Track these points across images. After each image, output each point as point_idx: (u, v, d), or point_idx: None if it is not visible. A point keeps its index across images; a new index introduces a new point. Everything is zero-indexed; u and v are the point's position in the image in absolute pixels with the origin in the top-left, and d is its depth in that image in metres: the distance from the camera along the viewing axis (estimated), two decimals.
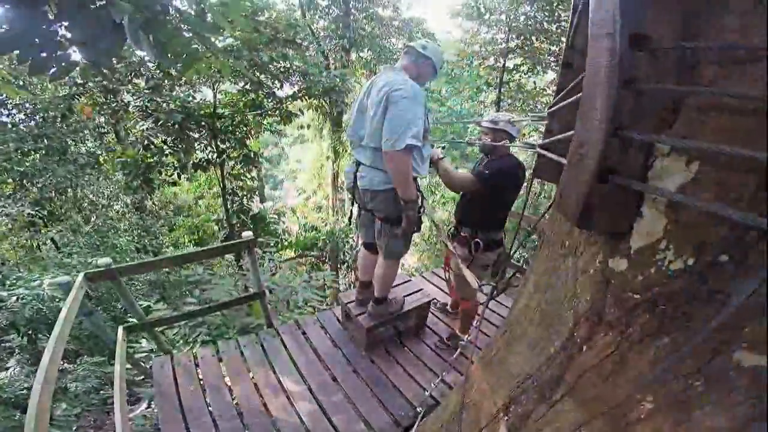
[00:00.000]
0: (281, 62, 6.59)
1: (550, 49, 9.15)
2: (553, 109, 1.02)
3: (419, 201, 2.19)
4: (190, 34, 3.03)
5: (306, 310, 4.76)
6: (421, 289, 3.18)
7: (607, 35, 0.52)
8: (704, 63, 0.53)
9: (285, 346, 2.97)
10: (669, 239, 0.56)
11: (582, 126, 0.61)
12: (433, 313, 3.37)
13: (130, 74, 5.86)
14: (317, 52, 9.93)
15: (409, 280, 3.33)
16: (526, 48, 9.47)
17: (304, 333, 3.13)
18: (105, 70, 1.79)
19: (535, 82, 10.48)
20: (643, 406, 0.65)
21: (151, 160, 6.47)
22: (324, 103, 8.91)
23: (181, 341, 3.64)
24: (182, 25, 3.01)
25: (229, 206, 8.71)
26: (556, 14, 8.57)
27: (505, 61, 10.02)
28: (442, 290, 3.89)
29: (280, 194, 20.34)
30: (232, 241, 2.96)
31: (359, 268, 2.92)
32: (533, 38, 9.27)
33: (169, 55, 2.98)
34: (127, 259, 5.88)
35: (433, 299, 3.26)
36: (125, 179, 6.68)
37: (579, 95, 0.71)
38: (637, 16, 0.52)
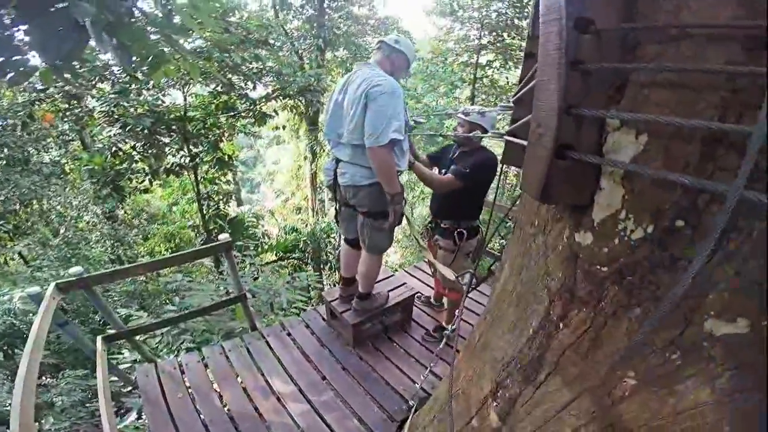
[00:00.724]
0: (254, 63, 6.51)
1: (521, 45, 9.37)
2: (516, 96, 1.07)
3: (403, 194, 2.23)
4: (158, 36, 2.96)
5: (290, 311, 4.73)
6: (404, 284, 3.22)
7: (555, 20, 0.55)
8: (644, 43, 0.57)
9: (271, 348, 2.95)
10: (628, 209, 0.60)
11: (538, 107, 0.65)
12: (417, 307, 3.41)
13: (95, 78, 5.67)
14: (291, 52, 9.84)
15: (392, 275, 3.37)
16: (498, 44, 9.68)
17: (289, 334, 3.11)
18: (67, 75, 1.74)
19: (507, 78, 10.71)
20: (626, 382, 0.67)
21: (120, 167, 6.29)
22: (299, 103, 8.87)
23: (165, 349, 3.56)
24: (149, 27, 2.94)
25: (204, 211, 8.55)
26: (526, 10, 8.77)
27: (478, 57, 10.20)
28: (425, 284, 3.95)
29: (257, 197, 20.06)
30: (208, 245, 2.90)
31: (341, 265, 2.93)
32: (504, 34, 9.48)
33: (135, 58, 2.91)
34: (101, 270, 5.69)
35: (417, 293, 3.29)
36: (93, 188, 6.47)
37: (533, 82, 0.76)
38: (582, 1, 0.55)
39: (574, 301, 0.73)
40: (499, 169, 2.75)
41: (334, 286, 9.26)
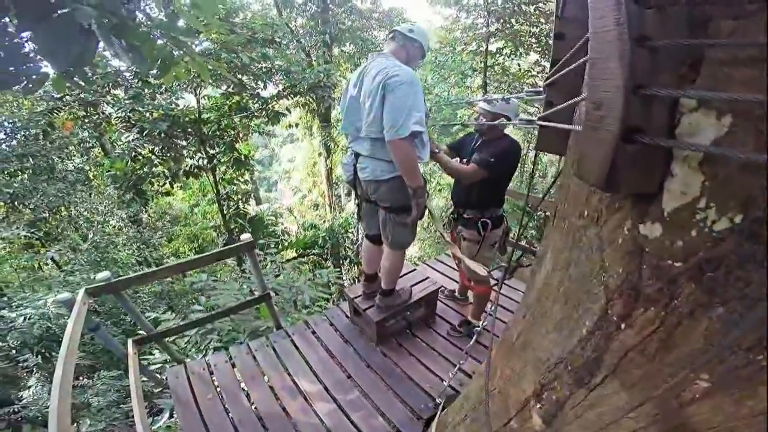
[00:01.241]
0: (262, 62, 6.50)
1: (530, 30, 9.12)
2: (549, 81, 1.00)
3: (425, 187, 2.16)
4: (164, 40, 2.95)
5: (314, 309, 4.75)
6: (427, 278, 3.16)
7: None
8: (717, 18, 0.50)
9: (296, 347, 2.95)
10: (708, 197, 0.53)
11: (596, 88, 0.58)
12: (441, 301, 3.35)
13: (108, 85, 5.76)
14: (298, 50, 9.80)
15: (414, 269, 3.31)
16: (507, 31, 9.43)
17: (314, 332, 3.11)
18: (80, 81, 1.73)
19: (519, 64, 10.44)
20: (698, 384, 0.61)
21: (141, 171, 6.41)
22: (311, 100, 8.84)
23: (193, 349, 3.62)
24: (155, 31, 2.93)
25: (225, 211, 8.68)
26: None
27: (487, 45, 9.97)
28: (448, 277, 3.89)
29: (275, 196, 20.29)
30: (231, 245, 2.91)
31: (363, 262, 2.89)
32: (512, 21, 9.21)
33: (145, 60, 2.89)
34: (129, 272, 5.83)
35: (440, 287, 3.23)
36: (117, 193, 6.62)
37: (583, 61, 0.68)
38: None
39: (639, 299, 0.66)
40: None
41: (355, 281, 9.35)
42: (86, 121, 6.40)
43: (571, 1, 0.97)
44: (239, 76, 6.30)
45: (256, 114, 7.60)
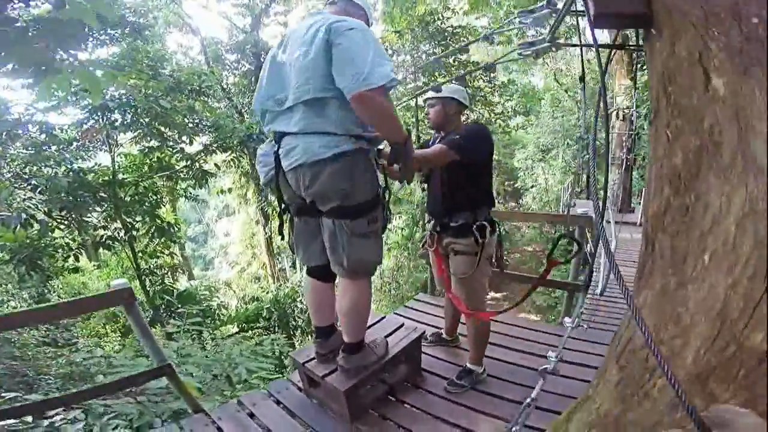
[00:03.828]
0: (188, 116, 6.06)
1: (452, 83, 9.96)
2: None
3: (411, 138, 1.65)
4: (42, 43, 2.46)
5: (252, 382, 3.81)
6: (402, 324, 2.46)
7: None
8: None
9: None
10: None
11: None
12: (425, 353, 2.58)
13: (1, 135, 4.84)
14: (229, 107, 9.50)
15: (383, 317, 2.58)
16: (433, 83, 10.20)
17: (251, 415, 2.19)
18: None
19: None
20: None
21: (37, 242, 5.24)
22: (243, 156, 8.26)
23: None
24: (33, 27, 2.43)
25: (148, 287, 7.49)
26: (450, 47, 9.41)
27: (417, 100, 10.60)
28: (424, 323, 3.11)
29: (212, 274, 18.57)
30: (98, 293, 2.12)
31: (311, 311, 2.13)
32: (436, 74, 10.00)
33: (13, 65, 2.34)
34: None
35: (422, 332, 2.48)
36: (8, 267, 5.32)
37: None
38: None
39: None
40: None
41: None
42: None
43: None
44: (159, 127, 5.71)
45: (182, 175, 6.92)
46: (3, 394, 2.63)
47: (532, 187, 16.68)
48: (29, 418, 2.38)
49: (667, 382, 0.55)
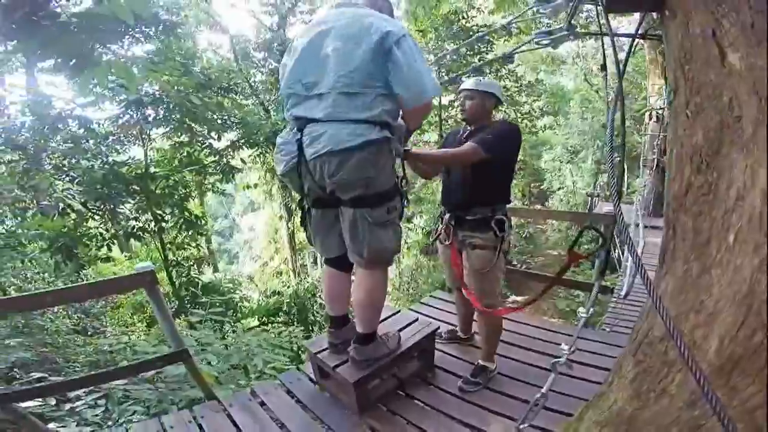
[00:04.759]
0: (217, 113, 6.22)
1: (470, 76, 9.75)
2: None
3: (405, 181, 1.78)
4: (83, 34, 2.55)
5: (266, 373, 3.85)
6: (416, 319, 2.41)
7: None
8: None
9: (236, 425, 2.05)
10: None
11: None
12: (439, 349, 2.53)
13: (44, 128, 5.11)
14: (256, 104, 9.69)
15: (398, 312, 2.56)
16: (457, 84, 10.03)
17: (262, 403, 2.21)
18: None
19: None
20: None
21: (74, 232, 5.52)
22: (268, 152, 8.43)
23: (112, 424, 2.69)
24: (73, 20, 2.53)
25: (174, 278, 7.74)
26: (476, 47, 9.25)
27: (441, 99, 10.47)
28: (439, 319, 3.03)
29: (236, 268, 19.05)
30: (122, 275, 2.19)
31: (326, 299, 2.14)
32: (460, 72, 9.84)
33: (57, 59, 2.45)
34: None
35: (437, 327, 2.44)
36: (48, 258, 5.62)
37: None
38: None
39: None
40: None
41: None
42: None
43: None
44: (189, 122, 5.91)
45: (209, 169, 7.11)
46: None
47: (559, 189, 16.23)
48: (53, 401, 2.50)
49: (686, 375, 0.52)
